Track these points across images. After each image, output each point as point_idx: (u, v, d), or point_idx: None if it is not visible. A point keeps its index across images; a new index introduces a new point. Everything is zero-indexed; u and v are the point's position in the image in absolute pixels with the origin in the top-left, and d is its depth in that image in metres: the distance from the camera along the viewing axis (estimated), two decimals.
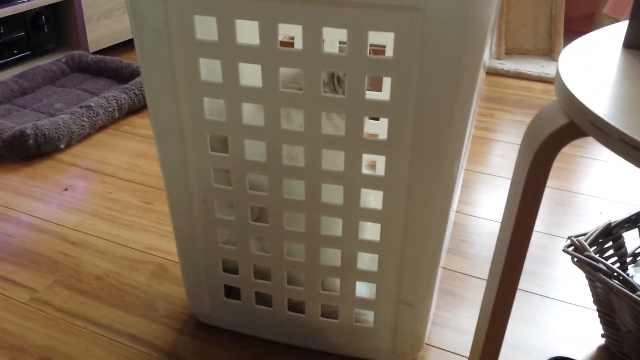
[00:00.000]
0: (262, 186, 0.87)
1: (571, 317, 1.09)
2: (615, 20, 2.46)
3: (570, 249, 0.94)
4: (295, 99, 0.77)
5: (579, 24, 2.67)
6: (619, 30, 0.74)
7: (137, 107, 1.87)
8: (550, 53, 2.35)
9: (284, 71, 0.78)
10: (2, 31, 2.01)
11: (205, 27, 0.78)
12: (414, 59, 0.70)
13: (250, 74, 0.81)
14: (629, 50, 0.70)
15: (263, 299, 0.98)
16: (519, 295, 1.14)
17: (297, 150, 0.85)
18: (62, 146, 1.63)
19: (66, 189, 1.46)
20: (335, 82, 0.94)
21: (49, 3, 2.11)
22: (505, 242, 0.68)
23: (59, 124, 1.63)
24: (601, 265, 0.89)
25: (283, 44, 0.75)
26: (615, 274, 0.87)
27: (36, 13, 2.10)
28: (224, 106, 0.81)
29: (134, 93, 1.86)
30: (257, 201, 0.87)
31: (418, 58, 0.70)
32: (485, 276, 1.15)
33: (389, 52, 0.71)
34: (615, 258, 1.03)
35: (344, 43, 0.75)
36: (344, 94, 0.75)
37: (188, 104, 0.83)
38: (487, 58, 0.83)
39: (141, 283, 1.14)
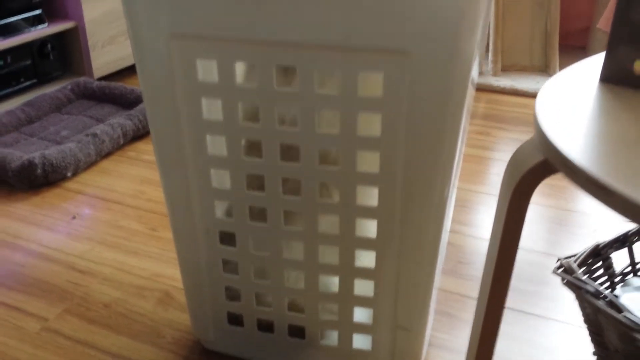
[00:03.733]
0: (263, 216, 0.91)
1: (567, 336, 1.12)
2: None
3: (560, 270, 0.98)
4: (291, 135, 0.81)
5: (574, 38, 2.71)
6: (596, 63, 0.78)
7: (142, 133, 1.92)
8: (546, 69, 2.39)
9: None
10: (9, 60, 2.06)
11: (207, 69, 0.82)
12: (403, 96, 0.74)
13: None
14: (605, 84, 0.74)
15: (265, 325, 1.02)
16: (516, 316, 1.17)
17: (295, 169, 0.89)
18: (69, 174, 1.67)
19: (74, 217, 1.50)
20: None
21: (55, 32, 2.16)
22: (491, 268, 0.71)
23: (65, 153, 1.67)
24: (588, 287, 0.92)
25: None
26: (602, 295, 0.90)
27: (42, 42, 2.15)
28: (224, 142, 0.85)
29: (138, 119, 1.91)
30: (258, 232, 0.91)
31: (407, 95, 0.74)
32: (466, 293, 1.19)
33: (378, 88, 0.75)
34: (605, 278, 1.06)
35: None
36: None
37: (191, 140, 0.87)
38: (476, 75, 0.86)
39: (147, 310, 1.17)
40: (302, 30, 0.73)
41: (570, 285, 0.98)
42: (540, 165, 0.60)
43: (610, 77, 0.73)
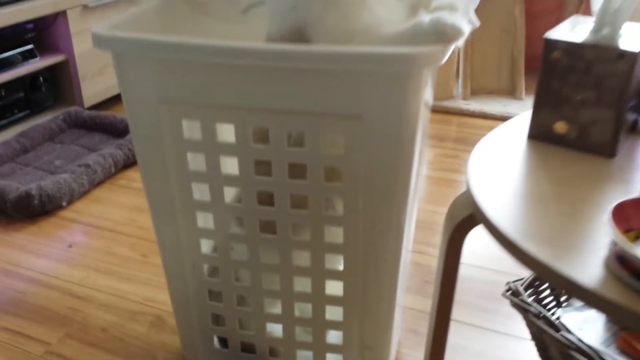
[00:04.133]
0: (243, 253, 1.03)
1: (523, 351, 1.24)
2: None
3: (508, 293, 1.10)
4: (268, 184, 0.93)
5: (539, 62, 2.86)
6: (526, 122, 0.91)
7: (131, 162, 2.03)
8: (513, 92, 2.54)
9: None
10: (3, 94, 2.17)
11: (192, 126, 0.94)
12: (361, 152, 0.87)
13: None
14: (532, 140, 0.87)
15: (248, 347, 1.13)
16: (476, 332, 1.29)
17: (271, 212, 1.01)
18: (64, 204, 1.78)
19: (70, 246, 1.61)
20: None
21: (46, 65, 2.27)
22: (437, 296, 0.84)
23: (60, 184, 1.78)
24: (532, 309, 1.05)
25: None
26: (543, 315, 1.03)
27: (34, 75, 2.26)
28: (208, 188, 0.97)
29: (128, 149, 2.02)
30: (239, 265, 1.03)
31: (364, 151, 0.87)
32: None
33: (340, 147, 0.87)
34: (552, 298, 1.19)
35: None
36: None
37: (178, 187, 0.99)
38: (431, 99, 0.99)
39: (141, 333, 1.29)
40: (275, 99, 0.85)
41: (516, 306, 1.10)
42: (467, 218, 0.73)
43: (536, 135, 0.87)
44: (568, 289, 0.59)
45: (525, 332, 1.29)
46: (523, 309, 1.08)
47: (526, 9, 2.62)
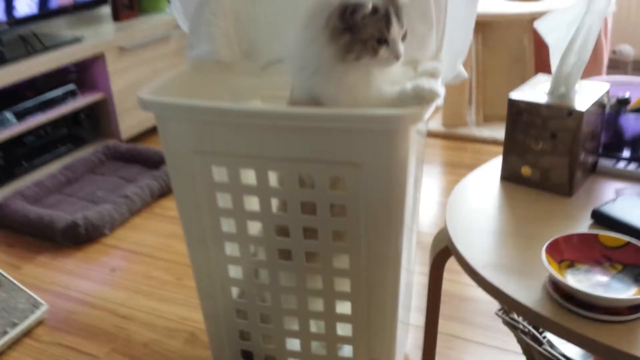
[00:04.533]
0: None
1: None
2: None
3: (500, 312, 1.25)
4: (283, 218, 1.11)
5: None
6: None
7: (166, 191, 2.22)
8: None
9: None
10: (49, 131, 2.39)
11: (220, 172, 1.12)
12: (360, 192, 1.04)
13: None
14: (503, 181, 1.03)
15: (271, 359, 1.30)
16: (476, 348, 1.44)
17: (287, 242, 1.17)
18: (107, 232, 1.98)
19: (113, 270, 1.81)
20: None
21: (87, 103, 2.49)
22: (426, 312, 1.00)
23: (103, 214, 1.98)
24: (520, 326, 1.20)
25: None
26: (528, 331, 1.18)
27: (76, 112, 2.48)
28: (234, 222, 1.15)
29: (163, 179, 2.22)
30: (262, 288, 1.21)
31: (363, 191, 1.03)
32: (451, 332, 1.47)
33: (344, 188, 1.04)
34: None
35: None
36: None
37: (209, 221, 1.16)
38: (425, 129, 1.14)
39: (178, 348, 1.47)
40: (288, 149, 1.03)
41: (507, 324, 1.25)
42: (443, 250, 0.89)
43: (507, 177, 1.03)
44: (514, 308, 0.74)
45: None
46: (512, 326, 1.23)
47: (535, 39, 2.76)
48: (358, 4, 0.92)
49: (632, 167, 1.05)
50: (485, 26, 2.58)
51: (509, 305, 0.76)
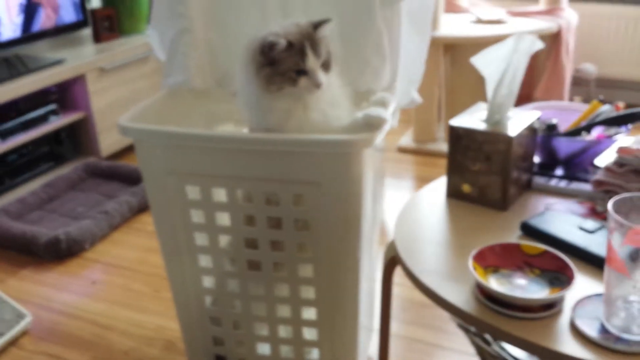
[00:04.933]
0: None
1: None
2: (548, 100, 2.93)
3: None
4: (252, 232, 1.21)
5: (517, 104, 3.14)
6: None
7: (144, 207, 2.31)
8: None
9: None
10: (31, 149, 2.47)
11: (193, 190, 1.23)
12: (321, 206, 1.15)
13: None
14: (449, 198, 1.15)
15: None
16: (437, 351, 1.55)
17: (256, 254, 1.27)
18: (87, 246, 2.07)
19: (93, 283, 1.90)
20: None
21: (68, 122, 2.58)
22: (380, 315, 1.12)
23: (84, 229, 2.07)
24: (471, 329, 1.32)
25: None
26: (477, 333, 1.29)
27: (57, 131, 2.57)
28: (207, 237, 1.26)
29: (141, 196, 2.31)
30: (233, 296, 1.31)
31: (323, 207, 1.15)
32: (414, 336, 1.58)
33: (306, 204, 1.16)
34: None
35: None
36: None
37: (184, 235, 1.27)
38: (382, 146, 1.27)
39: (156, 356, 1.57)
40: (255, 170, 1.14)
41: (460, 327, 1.37)
42: (392, 259, 1.01)
43: (451, 194, 1.15)
44: (446, 309, 0.86)
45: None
46: (465, 329, 1.35)
47: None
48: (273, 41, 1.06)
49: (563, 184, 1.18)
50: (454, 48, 2.73)
51: (442, 306, 0.88)
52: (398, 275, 1.77)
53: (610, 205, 0.77)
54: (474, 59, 1.11)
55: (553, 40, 2.72)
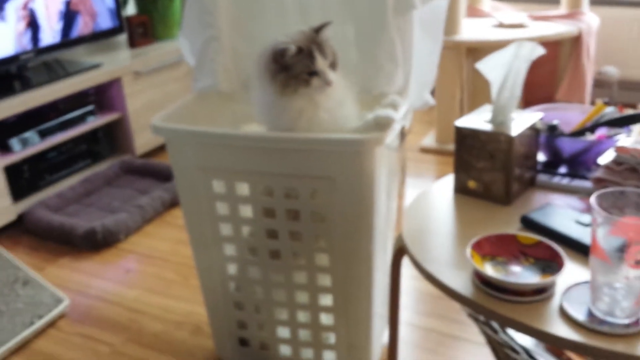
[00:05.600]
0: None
1: (487, 355, 1.58)
2: (569, 102, 2.98)
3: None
4: (273, 223, 1.31)
5: (538, 105, 3.19)
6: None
7: (175, 202, 2.43)
8: None
9: None
10: (69, 147, 2.61)
11: (219, 185, 1.33)
12: (335, 199, 1.24)
13: None
14: (456, 193, 1.23)
15: (264, 346, 1.50)
16: (451, 341, 1.63)
17: (276, 244, 1.37)
18: (122, 238, 2.20)
19: (128, 271, 2.02)
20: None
21: (105, 122, 2.72)
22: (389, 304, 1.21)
23: (119, 221, 2.20)
24: (480, 318, 1.39)
25: None
26: (486, 322, 1.37)
27: (94, 130, 2.70)
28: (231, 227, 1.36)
29: (173, 191, 2.43)
30: (256, 283, 1.41)
31: (336, 201, 1.24)
32: (430, 327, 1.66)
33: (321, 198, 1.25)
34: None
35: None
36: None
37: (210, 226, 1.37)
38: (395, 145, 1.36)
39: (185, 338, 1.68)
40: (275, 166, 1.24)
41: (470, 316, 1.45)
42: (400, 249, 1.10)
43: (458, 189, 1.23)
44: (447, 293, 0.95)
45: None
46: (474, 318, 1.43)
47: None
48: (284, 48, 1.17)
49: (565, 181, 1.25)
50: (475, 51, 2.79)
51: (443, 291, 0.96)
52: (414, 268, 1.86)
53: (593, 198, 0.85)
54: (479, 64, 1.19)
55: (574, 43, 2.77)
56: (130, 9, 3.10)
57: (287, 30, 1.24)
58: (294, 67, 1.18)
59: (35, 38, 2.51)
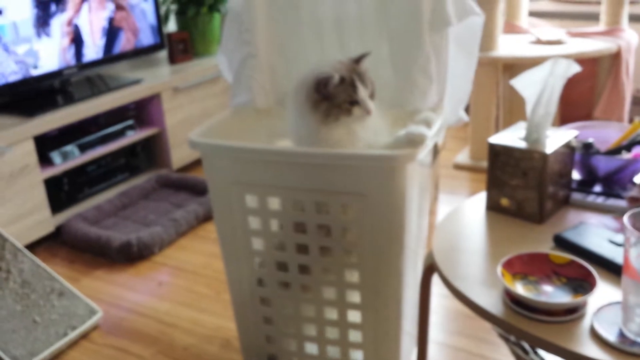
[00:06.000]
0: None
1: None
2: (608, 119, 2.92)
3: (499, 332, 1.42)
4: (302, 238, 1.31)
5: (576, 122, 3.13)
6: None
7: (209, 216, 2.46)
8: None
9: None
10: (108, 161, 2.67)
11: (251, 199, 1.34)
12: (366, 217, 1.24)
13: None
14: (488, 210, 1.22)
15: None
16: (471, 358, 1.60)
17: (306, 259, 1.37)
18: (156, 251, 2.23)
19: (160, 284, 2.05)
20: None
21: (144, 137, 2.77)
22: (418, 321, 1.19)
23: (154, 235, 2.23)
24: (511, 338, 1.37)
25: None
26: (516, 342, 1.34)
27: (133, 145, 2.76)
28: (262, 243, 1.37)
29: (207, 205, 2.46)
30: (285, 299, 1.41)
31: (368, 217, 1.24)
32: (458, 346, 1.64)
33: (352, 214, 1.25)
34: None
35: None
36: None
37: (242, 240, 1.39)
38: (428, 162, 1.35)
39: (214, 352, 1.68)
40: (307, 181, 1.24)
41: (500, 336, 1.43)
42: (429, 266, 1.09)
43: (490, 207, 1.22)
44: (476, 311, 0.93)
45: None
46: (505, 339, 1.41)
47: None
48: (328, 77, 1.18)
49: (600, 200, 1.23)
50: (511, 67, 2.78)
51: (472, 309, 0.95)
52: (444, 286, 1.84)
53: (626, 218, 0.83)
54: (514, 80, 1.18)
55: (613, 60, 2.72)
56: (171, 26, 3.17)
57: (324, 50, 1.25)
58: (337, 96, 1.19)
59: (78, 53, 2.59)
